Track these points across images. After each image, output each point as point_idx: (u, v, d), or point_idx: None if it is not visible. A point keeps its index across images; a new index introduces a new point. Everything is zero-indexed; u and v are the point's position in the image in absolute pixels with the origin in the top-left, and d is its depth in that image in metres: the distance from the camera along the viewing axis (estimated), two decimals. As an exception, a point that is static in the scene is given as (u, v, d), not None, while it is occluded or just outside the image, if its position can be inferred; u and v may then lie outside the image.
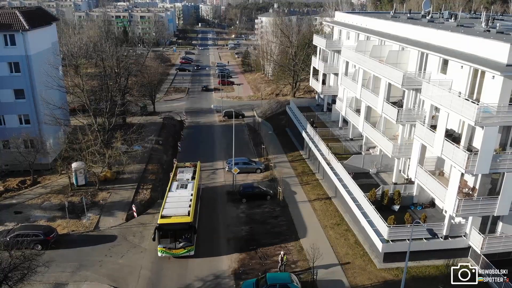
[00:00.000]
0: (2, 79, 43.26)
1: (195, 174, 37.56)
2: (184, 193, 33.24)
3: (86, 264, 29.33)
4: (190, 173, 37.17)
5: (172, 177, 36.86)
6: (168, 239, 29.33)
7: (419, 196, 33.04)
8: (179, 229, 29.19)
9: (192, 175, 36.95)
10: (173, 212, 30.07)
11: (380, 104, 36.57)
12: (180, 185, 34.51)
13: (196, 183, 35.54)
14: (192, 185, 34.60)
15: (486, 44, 26.18)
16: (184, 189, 33.94)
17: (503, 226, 28.81)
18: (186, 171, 37.69)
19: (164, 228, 29.09)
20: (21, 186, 42.30)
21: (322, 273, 27.63)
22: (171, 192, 33.57)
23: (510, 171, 25.59)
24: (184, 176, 36.56)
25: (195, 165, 39.75)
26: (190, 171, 37.75)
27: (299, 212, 36.59)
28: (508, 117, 24.82)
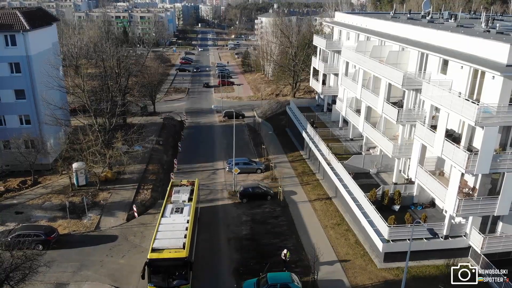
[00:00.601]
0: (3, 80, 43.36)
1: (193, 194, 33.25)
2: (179, 219, 28.81)
3: (87, 264, 29.39)
4: (187, 193, 32.66)
5: (166, 198, 32.65)
6: (160, 275, 25.16)
7: (419, 196, 33.11)
8: (172, 265, 25.19)
9: (189, 195, 32.62)
10: (165, 244, 25.92)
11: (380, 104, 36.66)
12: (175, 209, 30.14)
13: (194, 206, 31.11)
14: (189, 209, 30.26)
15: (486, 44, 26.27)
16: (179, 214, 29.63)
17: (503, 226, 28.89)
18: (182, 191, 33.23)
19: (155, 264, 24.96)
20: (21, 186, 42.38)
21: (323, 272, 27.71)
22: (164, 218, 29.07)
23: (510, 171, 25.68)
24: (180, 197, 32.15)
25: (192, 183, 35.38)
26: (187, 191, 33.16)
27: (300, 212, 36.66)
28: (508, 117, 24.91)
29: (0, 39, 42.19)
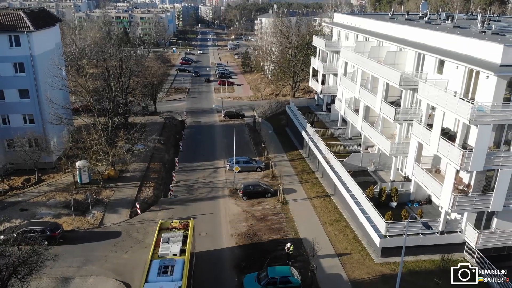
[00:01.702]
0: (7, 79, 44.03)
1: (187, 242, 26.23)
2: (168, 285, 22.15)
3: (91, 259, 30.10)
4: (179, 242, 25.69)
5: (153, 249, 25.60)
6: None
7: (416, 193, 33.87)
8: None
9: (182, 245, 25.65)
10: None
11: (378, 103, 37.44)
12: (163, 269, 23.34)
13: (187, 260, 24.36)
14: (181, 268, 23.45)
15: (480, 45, 27.02)
16: (168, 276, 22.83)
17: (497, 222, 29.60)
18: (173, 239, 26.15)
19: None
20: (25, 185, 43.06)
21: (322, 267, 28.45)
22: (148, 283, 22.40)
23: (503, 168, 26.44)
24: (170, 248, 25.15)
25: (186, 225, 28.40)
26: (178, 239, 26.13)
27: (299, 209, 37.39)
28: (501, 115, 25.69)
29: (5, 39, 42.88)
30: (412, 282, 27.13)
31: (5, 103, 44.83)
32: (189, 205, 38.97)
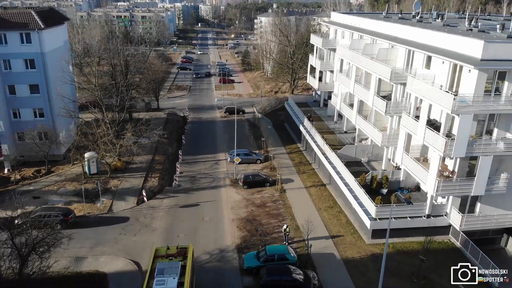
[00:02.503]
0: (18, 75, 46.16)
1: (185, 274, 23.23)
2: None
3: (102, 241, 32.28)
4: (176, 273, 22.72)
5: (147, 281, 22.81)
6: None
7: (405, 181, 36.08)
8: None
9: (180, 277, 22.63)
10: None
11: (371, 98, 39.67)
12: None
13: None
14: None
15: (463, 41, 29.23)
16: None
17: (481, 206, 31.80)
18: (168, 270, 23.03)
19: None
20: (36, 175, 45.22)
21: (316, 247, 30.66)
22: None
23: (484, 154, 28.64)
24: (166, 281, 22.15)
25: (184, 252, 25.35)
26: (175, 270, 23.05)
27: (296, 197, 39.60)
28: (482, 106, 27.90)
29: (16, 37, 45.00)
30: (399, 261, 29.37)
31: (16, 97, 46.92)
32: (192, 194, 41.20)
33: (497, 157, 29.26)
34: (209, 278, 28.14)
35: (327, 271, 28.52)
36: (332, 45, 55.04)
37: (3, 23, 44.58)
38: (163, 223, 35.31)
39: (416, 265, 28.29)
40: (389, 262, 28.99)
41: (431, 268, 28.66)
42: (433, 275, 28.15)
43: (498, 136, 29.79)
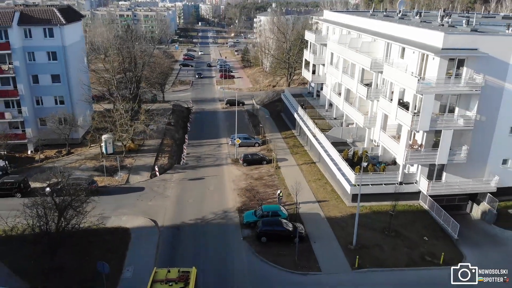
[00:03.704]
0: (42, 66, 51.57)
1: None
2: None
3: (123, 205, 37.68)
4: None
5: None
6: None
7: (383, 156, 41.50)
8: None
9: None
10: None
11: (355, 85, 45.14)
12: None
13: None
14: None
15: (429, 34, 34.72)
16: None
17: (446, 175, 37.22)
18: None
19: None
20: (58, 155, 50.72)
21: (304, 209, 36.18)
22: None
23: (446, 129, 34.10)
24: None
25: (186, 278, 23.18)
26: None
27: (289, 172, 45.06)
28: (442, 87, 33.36)
29: (40, 31, 50.45)
30: (374, 219, 34.87)
31: (39, 86, 52.34)
32: (198, 170, 46.69)
33: (457, 131, 34.74)
34: (216, 231, 33.67)
35: (313, 225, 34.05)
36: (324, 40, 60.43)
37: (28, 19, 50.03)
38: (174, 192, 40.82)
39: (388, 222, 33.78)
40: (366, 219, 34.67)
41: (401, 225, 34.19)
42: (402, 230, 33.67)
43: (459, 113, 35.25)
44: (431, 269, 29.53)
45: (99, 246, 30.53)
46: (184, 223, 34.79)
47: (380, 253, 30.73)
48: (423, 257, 30.62)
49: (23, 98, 50.96)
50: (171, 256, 30.33)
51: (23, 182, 39.76)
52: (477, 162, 36.75)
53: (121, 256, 29.90)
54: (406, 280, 28.43)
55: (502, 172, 37.67)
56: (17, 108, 51.76)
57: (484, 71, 33.67)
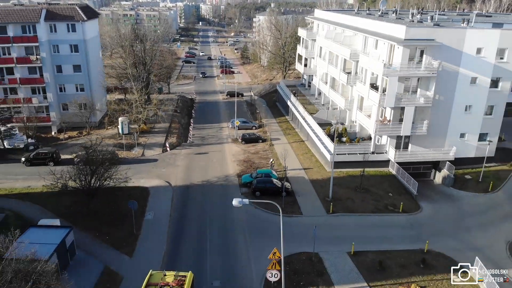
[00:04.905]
0: (65, 57, 58.74)
1: None
2: None
3: (140, 172, 44.73)
4: None
5: None
6: None
7: (360, 133, 48.72)
8: None
9: None
10: None
11: (338, 74, 52.37)
12: None
13: None
14: None
15: (395, 27, 41.96)
16: None
17: (412, 146, 44.45)
18: None
19: None
20: (79, 135, 57.94)
21: (292, 174, 43.44)
22: None
23: (408, 105, 41.31)
24: None
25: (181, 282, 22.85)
26: None
27: (281, 148, 52.19)
28: (404, 71, 40.55)
29: (64, 27, 57.62)
30: (349, 180, 42.26)
31: (62, 75, 59.51)
32: (203, 147, 53.93)
33: (419, 108, 41.99)
34: (219, 190, 40.92)
35: (298, 185, 41.30)
36: (314, 36, 67.67)
37: (53, 15, 57.20)
38: (183, 162, 48.04)
39: (359, 182, 41.01)
40: (342, 181, 41.97)
41: (371, 185, 41.43)
42: (371, 188, 40.92)
43: (420, 93, 42.44)
44: (392, 215, 36.80)
45: (124, 198, 37.59)
46: (193, 184, 42.10)
47: (351, 203, 38.00)
48: (386, 207, 37.90)
49: (48, 85, 58.17)
50: (184, 204, 37.68)
51: (55, 153, 47.00)
52: (438, 135, 44.03)
53: (143, 205, 37.09)
54: (371, 222, 35.62)
55: (460, 144, 44.96)
56: (42, 94, 58.95)
57: (440, 57, 40.93)
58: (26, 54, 57.05)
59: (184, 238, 32.75)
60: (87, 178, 35.30)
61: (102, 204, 36.00)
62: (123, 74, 65.67)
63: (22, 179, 42.44)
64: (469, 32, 41.30)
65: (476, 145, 45.44)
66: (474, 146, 45.50)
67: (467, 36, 41.10)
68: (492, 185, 42.39)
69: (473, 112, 44.01)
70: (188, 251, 31.12)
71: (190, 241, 32.44)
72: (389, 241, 32.56)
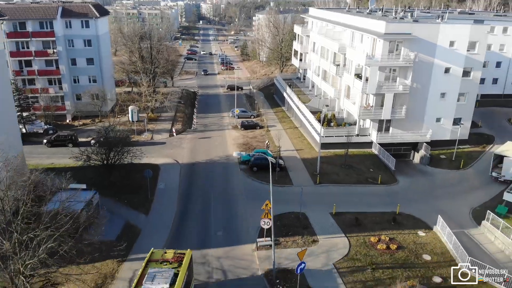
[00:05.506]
0: (79, 51, 64.01)
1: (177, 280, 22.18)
2: None
3: (151, 152, 49.86)
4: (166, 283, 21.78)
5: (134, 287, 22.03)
6: None
7: (347, 119, 54.11)
8: None
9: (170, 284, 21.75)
10: None
11: (329, 66, 57.77)
12: None
13: None
14: None
15: (377, 23, 47.36)
16: None
17: (392, 129, 49.83)
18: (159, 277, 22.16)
19: None
20: (93, 122, 63.32)
21: (285, 154, 48.88)
22: None
23: (388, 92, 46.70)
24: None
25: (180, 259, 24.26)
26: (166, 277, 22.14)
27: (276, 133, 57.41)
28: (384, 61, 45.91)
29: (78, 23, 62.94)
30: (335, 158, 47.70)
31: (76, 67, 64.84)
32: (206, 133, 59.35)
33: (398, 95, 47.38)
34: (220, 167, 46.37)
35: (291, 162, 46.79)
36: (308, 32, 73.10)
37: (69, 13, 62.55)
38: (188, 145, 53.44)
39: (344, 159, 46.42)
40: (329, 159, 47.40)
41: (355, 162, 46.87)
42: (355, 164, 46.36)
43: (400, 82, 47.77)
44: (371, 186, 42.25)
45: (138, 172, 42.80)
46: (198, 161, 47.60)
47: (336, 177, 43.46)
48: (367, 179, 43.33)
49: (63, 77, 63.52)
50: (190, 177, 43.18)
51: (73, 135, 52.45)
52: (416, 119, 49.42)
53: (155, 177, 42.47)
54: (352, 191, 41.03)
55: (436, 128, 50.38)
56: (58, 85, 64.30)
57: (417, 49, 46.36)
58: (43, 48, 62.32)
59: (192, 202, 38.26)
60: (106, 154, 40.62)
61: (120, 177, 41.31)
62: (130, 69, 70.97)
63: (45, 157, 47.80)
64: (442, 27, 46.71)
65: (450, 128, 50.84)
66: (449, 130, 50.89)
67: (440, 30, 46.51)
68: (463, 163, 47.78)
69: (447, 98, 49.40)
70: (195, 211, 36.67)
71: (197, 204, 37.98)
72: (367, 205, 37.92)
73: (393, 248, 31.08)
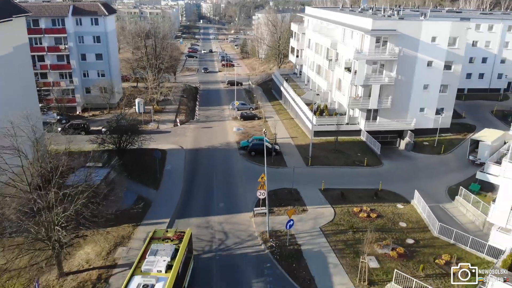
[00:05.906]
0: (89, 47, 68.35)
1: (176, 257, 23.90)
2: None
3: (157, 139, 54.05)
4: (168, 256, 23.60)
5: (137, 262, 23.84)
6: None
7: (338, 109, 58.44)
8: None
9: (171, 259, 23.44)
10: None
11: (322, 61, 62.12)
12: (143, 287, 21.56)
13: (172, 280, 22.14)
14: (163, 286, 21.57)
15: (365, 20, 51.70)
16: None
17: (380, 118, 54.17)
18: (161, 252, 23.99)
19: None
20: (101, 113, 67.66)
21: (281, 141, 53.22)
22: None
23: (374, 83, 51.03)
24: (156, 262, 23.23)
25: (180, 236, 26.30)
26: (168, 252, 23.97)
27: (273, 123, 61.97)
28: (371, 55, 50.24)
29: (88, 20, 67.26)
30: (326, 145, 52.00)
31: (86, 62, 69.15)
32: (208, 123, 63.70)
33: (384, 86, 51.71)
34: (222, 152, 50.77)
35: (286, 148, 51.19)
36: (304, 30, 77.40)
37: (79, 11, 66.85)
38: (192, 134, 57.80)
39: (335, 145, 50.80)
40: (321, 146, 51.76)
41: (344, 148, 51.22)
42: (344, 150, 50.75)
43: (385, 74, 52.08)
44: (358, 168, 46.66)
45: (147, 155, 47.10)
46: (201, 147, 51.98)
47: (326, 160, 47.86)
48: (354, 162, 47.71)
49: (74, 71, 67.86)
50: (195, 160, 47.58)
51: (86, 124, 56.80)
52: (401, 109, 53.75)
53: (163, 160, 46.84)
54: (340, 172, 45.38)
55: (420, 117, 54.72)
56: (69, 79, 68.64)
57: (401, 44, 50.72)
58: (55, 43, 66.63)
59: (196, 180, 42.71)
60: (118, 138, 44.99)
61: (132, 160, 45.61)
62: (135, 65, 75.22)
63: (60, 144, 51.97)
64: (424, 23, 51.08)
65: (433, 118, 55.21)
66: (432, 119, 55.27)
67: (423, 27, 50.87)
68: (444, 149, 52.17)
69: (430, 90, 53.77)
70: (199, 187, 41.13)
71: (201, 182, 42.43)
72: (353, 184, 42.28)
73: (373, 216, 35.46)
